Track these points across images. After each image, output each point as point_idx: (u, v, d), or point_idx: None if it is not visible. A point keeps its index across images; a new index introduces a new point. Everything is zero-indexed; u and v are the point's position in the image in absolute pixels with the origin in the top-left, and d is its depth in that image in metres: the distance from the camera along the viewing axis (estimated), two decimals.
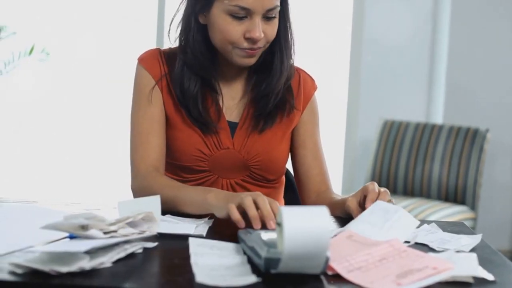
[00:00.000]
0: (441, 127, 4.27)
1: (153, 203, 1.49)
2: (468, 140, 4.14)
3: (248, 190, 1.97)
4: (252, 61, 1.87)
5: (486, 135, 4.10)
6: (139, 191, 1.87)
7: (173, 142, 1.94)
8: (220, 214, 1.61)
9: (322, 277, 1.25)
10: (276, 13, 1.82)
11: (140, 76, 1.96)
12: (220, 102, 1.95)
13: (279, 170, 2.01)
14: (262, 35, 1.80)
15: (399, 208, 1.61)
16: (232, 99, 1.97)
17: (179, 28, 1.92)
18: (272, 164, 1.97)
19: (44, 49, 4.29)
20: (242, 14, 1.77)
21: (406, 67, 4.83)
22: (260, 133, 1.95)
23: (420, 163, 4.25)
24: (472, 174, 4.09)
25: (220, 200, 1.63)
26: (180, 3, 1.92)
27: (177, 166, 1.95)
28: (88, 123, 4.94)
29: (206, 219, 1.67)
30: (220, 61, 1.93)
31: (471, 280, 1.26)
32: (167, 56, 1.97)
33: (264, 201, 1.54)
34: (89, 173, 5.00)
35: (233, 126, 1.95)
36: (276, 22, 1.84)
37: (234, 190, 1.96)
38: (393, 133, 4.37)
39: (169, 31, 1.95)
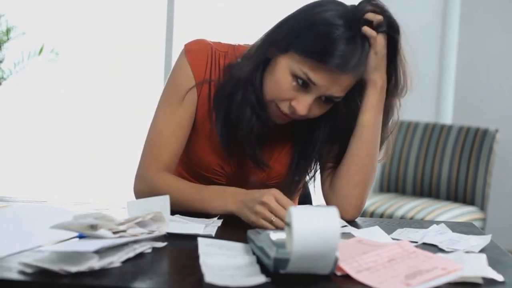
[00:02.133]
0: (450, 128, 4.26)
1: (162, 203, 1.49)
2: (478, 141, 4.13)
3: None
4: (281, 122, 1.77)
5: (496, 136, 4.08)
6: (144, 193, 1.75)
7: (196, 148, 1.86)
8: (244, 218, 1.63)
9: (331, 278, 1.24)
10: (336, 101, 1.71)
11: (180, 71, 1.83)
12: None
13: (298, 189, 1.95)
14: (307, 112, 1.68)
15: None
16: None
17: (253, 55, 1.77)
18: (292, 185, 1.89)
19: (53, 49, 4.29)
20: (304, 83, 1.65)
21: (415, 67, 4.81)
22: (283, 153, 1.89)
23: (429, 164, 4.24)
24: (482, 175, 4.08)
25: (239, 205, 1.64)
26: (266, 34, 1.77)
27: (195, 171, 1.90)
28: (98, 123, 4.94)
29: (215, 218, 1.67)
30: None
31: (480, 281, 1.26)
32: (218, 56, 1.83)
33: (279, 208, 1.57)
34: (98, 173, 5.00)
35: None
36: (329, 107, 1.72)
37: None
38: (402, 134, 4.37)
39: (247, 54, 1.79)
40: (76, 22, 4.78)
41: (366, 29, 1.70)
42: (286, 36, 1.69)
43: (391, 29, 1.76)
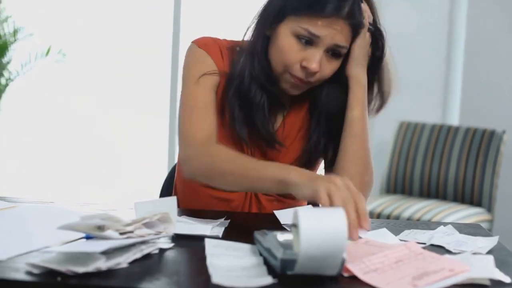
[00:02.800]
0: (457, 129, 4.26)
1: (169, 204, 1.50)
2: (485, 142, 4.12)
3: (274, 198, 1.93)
4: (297, 92, 1.81)
5: (503, 137, 4.08)
6: (194, 158, 1.75)
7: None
8: (303, 193, 1.50)
9: (338, 279, 1.24)
10: (343, 52, 1.75)
11: (203, 60, 1.85)
12: (280, 116, 1.90)
13: None
14: (319, 68, 1.72)
15: None
16: (281, 116, 1.92)
17: (249, 35, 1.83)
18: None
19: (60, 50, 4.31)
20: (308, 40, 1.70)
21: (422, 68, 4.81)
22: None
23: (436, 165, 4.23)
24: (489, 176, 4.07)
25: (304, 179, 1.50)
26: (259, 11, 1.82)
27: None
28: (105, 124, 4.95)
29: (222, 219, 1.67)
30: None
31: (487, 283, 1.26)
32: (225, 50, 1.88)
33: (350, 201, 1.43)
34: (105, 173, 5.01)
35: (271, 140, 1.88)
36: (337, 63, 1.77)
37: (258, 200, 1.92)
38: (409, 135, 4.36)
39: (244, 34, 1.85)
40: (83, 23, 4.79)
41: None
42: (277, 5, 1.75)
43: (378, 33, 1.83)
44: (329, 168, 1.91)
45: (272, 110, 1.88)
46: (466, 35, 4.66)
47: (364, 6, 1.78)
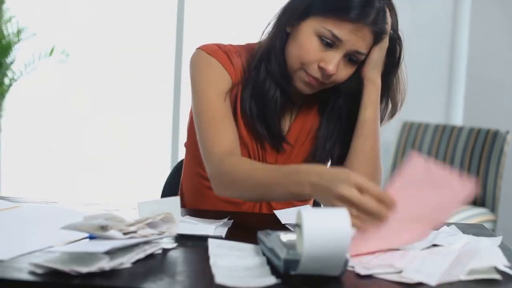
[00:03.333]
0: (460, 129, 4.25)
1: (172, 204, 1.50)
2: (488, 142, 4.12)
3: (283, 204, 1.94)
4: (310, 91, 1.81)
5: (506, 137, 4.07)
6: (216, 177, 1.74)
7: None
8: (324, 203, 1.46)
9: (342, 279, 1.24)
10: (361, 59, 1.76)
11: (213, 67, 1.84)
12: (290, 116, 1.91)
13: None
14: (335, 71, 1.73)
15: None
16: (289, 115, 1.93)
17: (267, 32, 1.84)
18: None
19: (64, 50, 4.31)
20: (330, 42, 1.70)
21: (425, 68, 4.81)
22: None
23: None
24: (492, 176, 4.07)
25: (316, 190, 1.46)
26: (282, 7, 1.82)
27: None
28: (108, 124, 4.96)
29: (225, 219, 1.67)
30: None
31: (498, 277, 1.26)
32: (231, 54, 1.88)
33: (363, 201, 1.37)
34: (108, 173, 5.01)
35: (280, 140, 1.90)
36: (354, 68, 1.77)
37: (268, 203, 1.93)
38: (412, 135, 4.36)
39: (263, 32, 1.85)
40: (87, 23, 4.79)
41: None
42: (303, 3, 1.74)
43: (397, 39, 1.82)
44: (337, 166, 1.91)
45: (283, 110, 1.89)
46: (470, 35, 4.66)
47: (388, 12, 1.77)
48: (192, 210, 1.87)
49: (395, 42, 1.82)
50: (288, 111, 1.92)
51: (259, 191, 1.62)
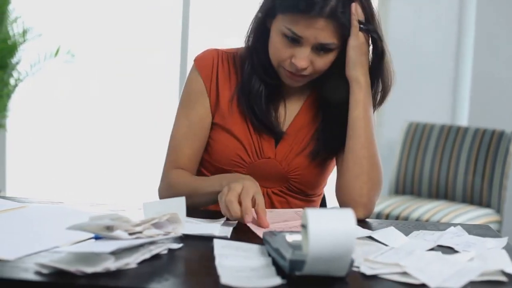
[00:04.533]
0: (466, 130, 4.25)
1: (178, 204, 1.50)
2: (494, 143, 4.11)
3: (285, 200, 1.95)
4: (297, 84, 1.84)
5: None
6: (162, 191, 1.94)
7: (214, 144, 1.93)
8: (220, 198, 1.69)
9: (347, 280, 1.24)
10: (332, 48, 1.77)
11: (191, 78, 1.96)
12: (280, 109, 1.93)
13: (319, 185, 1.99)
14: (307, 65, 1.76)
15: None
16: (283, 108, 1.95)
17: (249, 29, 1.90)
18: (313, 180, 1.95)
19: (69, 50, 4.31)
20: (294, 38, 1.74)
21: (431, 68, 4.80)
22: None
23: (445, 166, 4.23)
24: (498, 177, 4.06)
25: (224, 185, 1.70)
26: (258, 7, 1.87)
27: (218, 168, 1.94)
28: (114, 124, 4.96)
29: (224, 218, 1.67)
30: None
31: (504, 279, 1.26)
32: (226, 56, 1.95)
33: (245, 195, 1.63)
34: (114, 174, 5.02)
35: (278, 134, 1.92)
36: (330, 56, 1.78)
37: (270, 200, 1.94)
38: (418, 135, 4.35)
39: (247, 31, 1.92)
40: (92, 23, 4.80)
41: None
42: (271, 2, 1.79)
43: (373, 33, 1.82)
44: (339, 169, 1.92)
45: (275, 102, 1.92)
46: (475, 35, 4.65)
47: (356, 6, 1.77)
48: (194, 209, 1.85)
49: (370, 34, 1.82)
50: (294, 103, 1.95)
51: (192, 196, 1.76)
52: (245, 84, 1.90)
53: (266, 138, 1.91)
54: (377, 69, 1.86)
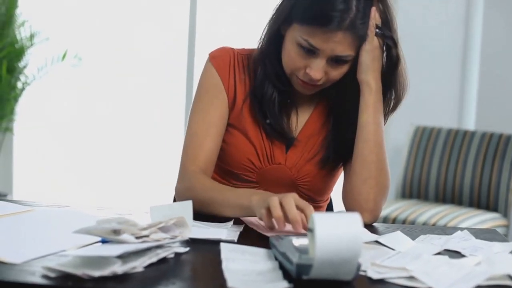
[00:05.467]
0: (473, 133, 4.24)
1: (185, 208, 1.50)
2: (501, 147, 4.11)
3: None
4: (309, 92, 1.83)
5: None
6: (183, 191, 1.85)
7: (226, 147, 1.91)
8: (259, 212, 1.60)
9: (354, 284, 1.24)
10: (348, 60, 1.75)
11: (208, 75, 1.93)
12: (292, 115, 1.92)
13: (327, 192, 1.99)
14: (321, 76, 1.75)
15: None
16: (294, 114, 1.93)
17: (263, 35, 1.87)
18: (321, 186, 1.94)
19: (76, 54, 4.32)
20: (310, 50, 1.72)
21: (438, 72, 4.80)
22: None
23: (452, 170, 4.22)
24: (505, 181, 4.05)
25: (260, 200, 1.62)
26: (273, 12, 1.85)
27: (226, 171, 1.94)
28: (121, 128, 4.96)
29: (231, 222, 1.67)
30: None
31: (511, 283, 1.26)
32: (241, 58, 1.93)
33: (290, 203, 1.54)
34: (121, 177, 5.02)
35: (290, 141, 1.91)
36: (345, 67, 1.77)
37: None
38: (424, 139, 4.35)
39: (261, 36, 1.89)
40: (100, 27, 4.81)
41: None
42: (287, 9, 1.77)
43: (389, 39, 1.80)
44: (346, 173, 1.92)
45: (287, 108, 1.90)
46: (482, 39, 4.64)
47: (375, 9, 1.75)
48: (201, 214, 1.85)
49: (385, 40, 1.80)
50: (305, 109, 1.93)
51: (211, 203, 1.75)
52: (257, 89, 1.88)
53: (277, 144, 1.90)
54: (391, 76, 1.84)
